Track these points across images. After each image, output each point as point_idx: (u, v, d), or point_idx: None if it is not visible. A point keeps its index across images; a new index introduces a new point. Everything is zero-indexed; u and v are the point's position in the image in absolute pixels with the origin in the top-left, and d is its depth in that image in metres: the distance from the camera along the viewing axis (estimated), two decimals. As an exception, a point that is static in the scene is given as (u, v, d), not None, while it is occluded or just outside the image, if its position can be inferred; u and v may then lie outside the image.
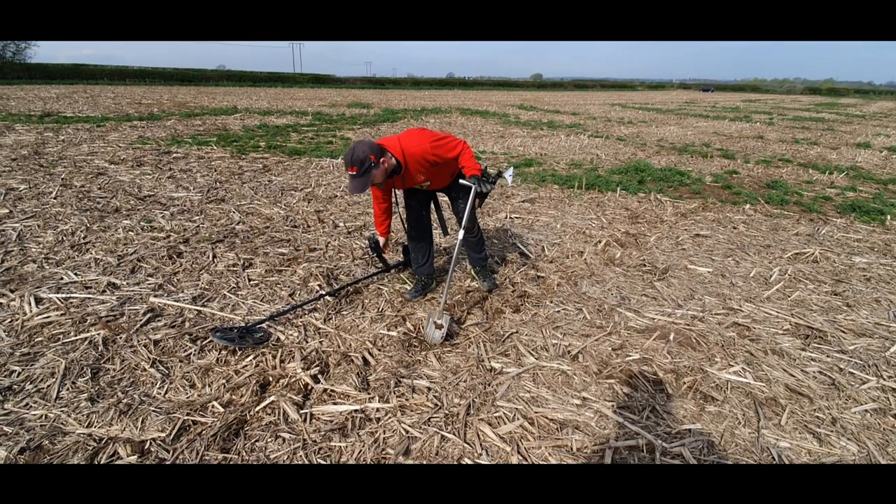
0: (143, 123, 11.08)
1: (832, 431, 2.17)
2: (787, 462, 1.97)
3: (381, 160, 2.54)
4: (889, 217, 5.41)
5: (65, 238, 3.96)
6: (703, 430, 2.14)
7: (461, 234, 2.84)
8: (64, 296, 3.01)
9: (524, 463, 1.93)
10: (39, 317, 2.76)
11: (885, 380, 2.53)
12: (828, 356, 2.74)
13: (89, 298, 3.01)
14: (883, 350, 2.81)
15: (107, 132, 9.50)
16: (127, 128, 10.24)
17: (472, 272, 3.57)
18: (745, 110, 23.58)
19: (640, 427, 2.13)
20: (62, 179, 5.73)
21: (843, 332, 3.01)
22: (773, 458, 1.99)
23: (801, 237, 4.79)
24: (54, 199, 4.99)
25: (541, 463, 1.93)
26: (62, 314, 2.80)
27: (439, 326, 2.67)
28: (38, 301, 2.94)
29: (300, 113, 15.21)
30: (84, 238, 3.99)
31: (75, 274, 3.33)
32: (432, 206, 3.26)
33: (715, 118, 18.39)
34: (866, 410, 2.31)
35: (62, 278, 3.26)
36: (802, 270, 3.94)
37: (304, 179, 6.39)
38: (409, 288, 3.35)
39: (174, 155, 7.54)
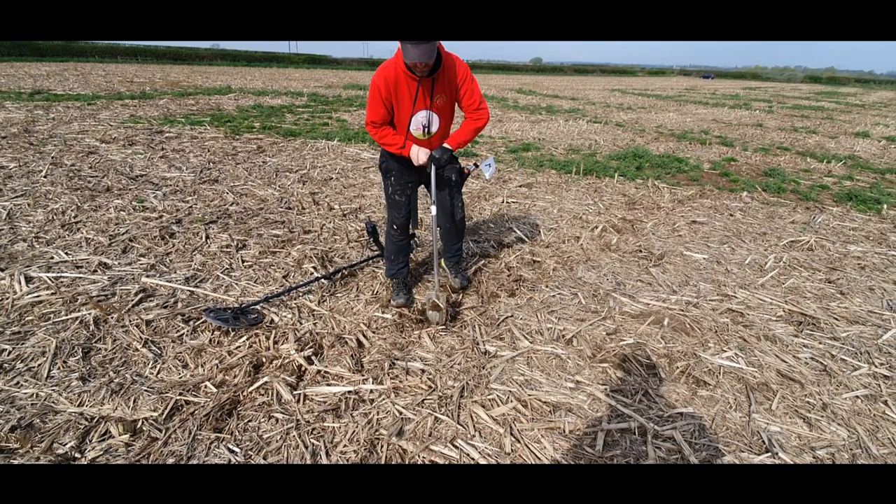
0: (134, 102, 10.88)
1: (822, 416, 2.18)
2: (776, 446, 1.99)
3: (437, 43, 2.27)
4: (885, 206, 5.41)
5: (55, 217, 3.90)
6: (695, 413, 2.16)
7: (433, 210, 2.69)
8: (54, 275, 2.97)
9: (522, 463, 1.94)
10: (30, 296, 2.73)
11: (876, 367, 2.55)
12: (820, 343, 2.75)
13: (80, 278, 2.97)
14: (875, 338, 2.82)
15: (98, 110, 9.33)
16: (118, 106, 10.06)
17: (444, 264, 3.16)
18: (744, 98, 23.43)
19: (632, 410, 2.14)
20: (52, 158, 5.64)
21: (836, 319, 3.02)
22: (763, 441, 2.01)
23: (797, 225, 4.79)
24: (44, 177, 4.91)
25: (535, 460, 1.94)
26: (53, 293, 2.77)
27: (437, 307, 2.66)
28: (29, 280, 2.90)
29: (295, 94, 14.98)
30: (75, 217, 3.93)
31: (66, 253, 3.28)
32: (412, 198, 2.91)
33: (714, 105, 18.27)
34: (857, 396, 2.33)
35: (52, 257, 3.21)
36: (797, 258, 3.95)
37: (298, 161, 6.32)
38: (396, 298, 2.89)
39: (167, 134, 7.43)
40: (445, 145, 2.61)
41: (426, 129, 2.57)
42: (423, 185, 2.91)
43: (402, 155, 2.59)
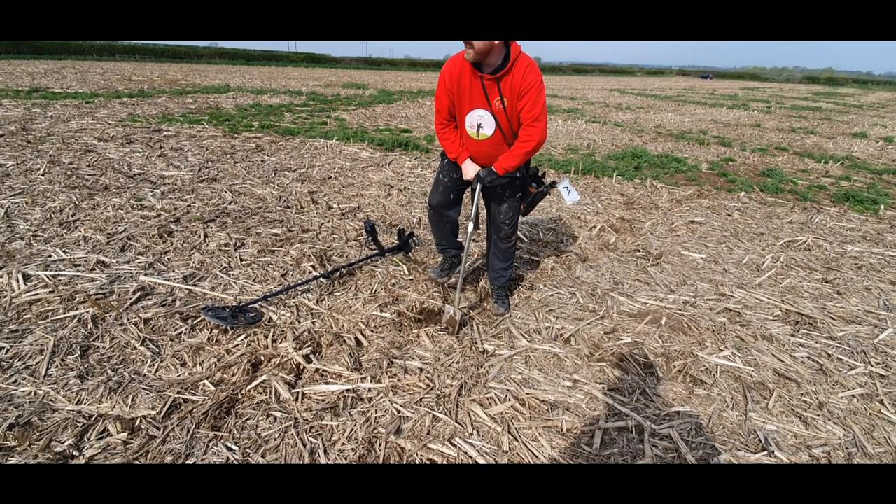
0: (132, 100, 10.85)
1: (819, 415, 2.20)
2: (773, 444, 2.00)
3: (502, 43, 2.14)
4: (882, 207, 5.43)
5: (53, 215, 3.90)
6: (692, 412, 2.16)
7: (470, 226, 2.57)
8: (52, 273, 2.97)
9: (519, 462, 1.94)
10: (27, 294, 2.73)
11: (872, 366, 2.56)
12: (817, 342, 2.77)
13: (78, 276, 2.97)
14: (872, 337, 2.84)
15: (96, 109, 9.31)
16: (116, 104, 10.04)
17: (490, 288, 3.03)
18: (743, 98, 23.47)
19: (629, 409, 2.14)
20: (50, 156, 5.62)
21: (833, 319, 3.04)
22: (759, 440, 2.02)
23: (794, 225, 4.81)
24: (42, 175, 4.90)
25: (533, 459, 1.95)
26: (50, 292, 2.76)
27: (452, 323, 2.65)
28: (26, 278, 2.90)
29: (294, 92, 14.96)
30: (73, 216, 3.92)
31: (64, 251, 3.28)
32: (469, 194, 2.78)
33: (713, 105, 18.30)
34: (853, 396, 2.34)
35: (50, 256, 3.21)
36: (795, 258, 3.96)
37: (297, 160, 6.31)
38: (432, 269, 3.12)
39: (165, 133, 7.41)
40: (493, 168, 2.45)
41: (479, 129, 2.44)
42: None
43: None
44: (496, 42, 2.13)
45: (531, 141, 2.33)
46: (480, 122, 2.41)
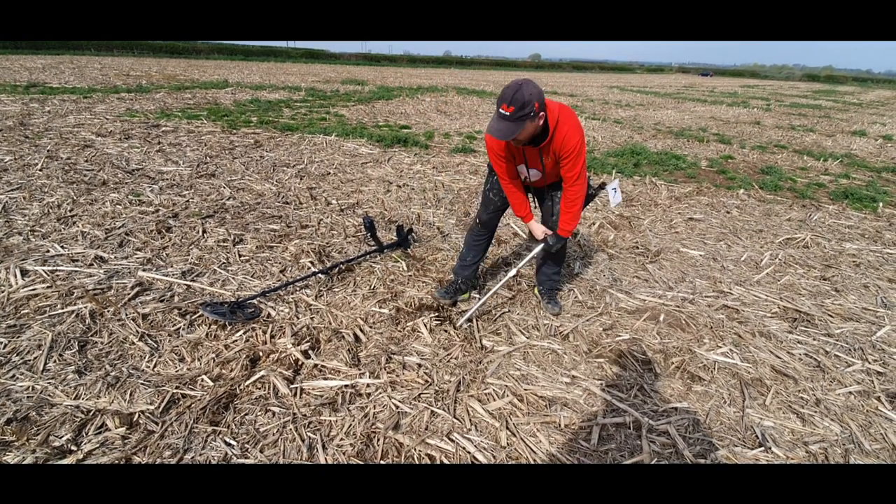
0: (131, 96, 10.81)
1: (816, 412, 2.20)
2: (770, 440, 2.00)
3: (541, 114, 2.10)
4: (881, 204, 5.44)
5: (51, 210, 3.88)
6: (690, 408, 2.17)
7: (511, 272, 2.67)
8: (50, 268, 2.96)
9: (518, 462, 1.95)
10: (25, 289, 2.72)
11: (870, 363, 2.57)
12: (814, 339, 2.77)
13: (76, 271, 2.96)
14: (869, 334, 2.85)
15: (94, 104, 9.26)
16: (114, 100, 9.99)
17: (536, 291, 3.06)
18: (743, 96, 23.44)
19: (627, 405, 2.15)
20: (48, 151, 5.60)
21: (831, 316, 3.04)
22: (756, 436, 2.03)
23: (793, 223, 4.81)
24: (40, 170, 4.88)
25: (531, 454, 1.95)
26: (48, 287, 2.76)
27: (469, 337, 2.62)
28: (24, 273, 2.89)
29: (293, 88, 14.91)
30: (70, 211, 3.91)
31: (62, 247, 3.27)
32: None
33: (713, 103, 18.28)
34: (850, 392, 2.35)
35: (48, 251, 3.20)
36: (793, 255, 3.97)
37: (296, 156, 6.30)
38: (441, 292, 2.94)
39: (163, 128, 7.38)
40: (560, 235, 2.55)
41: (527, 178, 2.56)
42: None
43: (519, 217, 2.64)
44: (538, 123, 2.12)
45: (579, 199, 2.43)
46: (526, 174, 2.53)
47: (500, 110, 2.03)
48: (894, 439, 2.05)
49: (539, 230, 2.64)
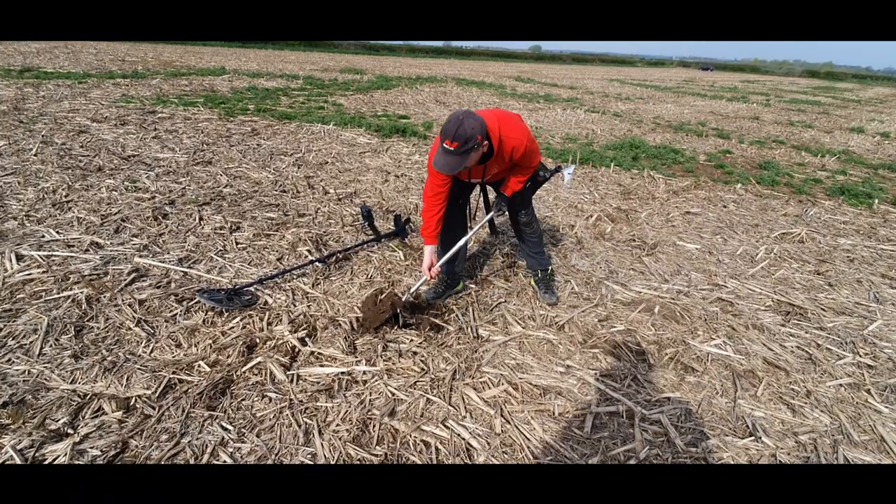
0: (126, 81, 10.69)
1: (806, 403, 2.23)
2: (760, 430, 2.03)
3: (484, 143, 2.15)
4: (877, 201, 5.46)
5: (46, 196, 3.86)
6: (682, 398, 2.20)
7: (490, 214, 2.69)
8: (46, 253, 2.95)
9: (511, 443, 1.97)
10: (20, 274, 2.71)
11: (860, 356, 2.60)
12: (807, 332, 2.80)
13: (72, 257, 2.95)
14: (861, 328, 2.88)
15: (89, 89, 9.16)
16: (110, 85, 9.88)
17: (532, 282, 3.05)
18: (742, 91, 23.40)
19: (620, 394, 2.17)
20: (43, 136, 5.54)
21: (824, 310, 3.07)
22: (747, 426, 2.06)
23: (789, 218, 4.83)
24: (35, 156, 4.83)
25: (525, 441, 1.97)
26: (44, 272, 2.75)
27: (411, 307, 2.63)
28: (20, 258, 2.88)
29: (291, 76, 14.78)
30: (66, 196, 3.88)
31: (57, 232, 3.25)
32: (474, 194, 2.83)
33: (712, 97, 18.24)
34: (841, 385, 2.38)
35: (44, 236, 3.18)
36: (788, 250, 3.99)
37: (293, 144, 6.26)
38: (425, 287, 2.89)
39: (159, 115, 7.32)
40: (504, 193, 2.61)
41: (469, 180, 2.60)
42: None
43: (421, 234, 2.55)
44: (483, 150, 2.18)
45: (529, 175, 2.58)
46: (469, 178, 2.58)
47: (444, 145, 2.06)
48: (882, 431, 2.08)
49: (428, 261, 2.49)
